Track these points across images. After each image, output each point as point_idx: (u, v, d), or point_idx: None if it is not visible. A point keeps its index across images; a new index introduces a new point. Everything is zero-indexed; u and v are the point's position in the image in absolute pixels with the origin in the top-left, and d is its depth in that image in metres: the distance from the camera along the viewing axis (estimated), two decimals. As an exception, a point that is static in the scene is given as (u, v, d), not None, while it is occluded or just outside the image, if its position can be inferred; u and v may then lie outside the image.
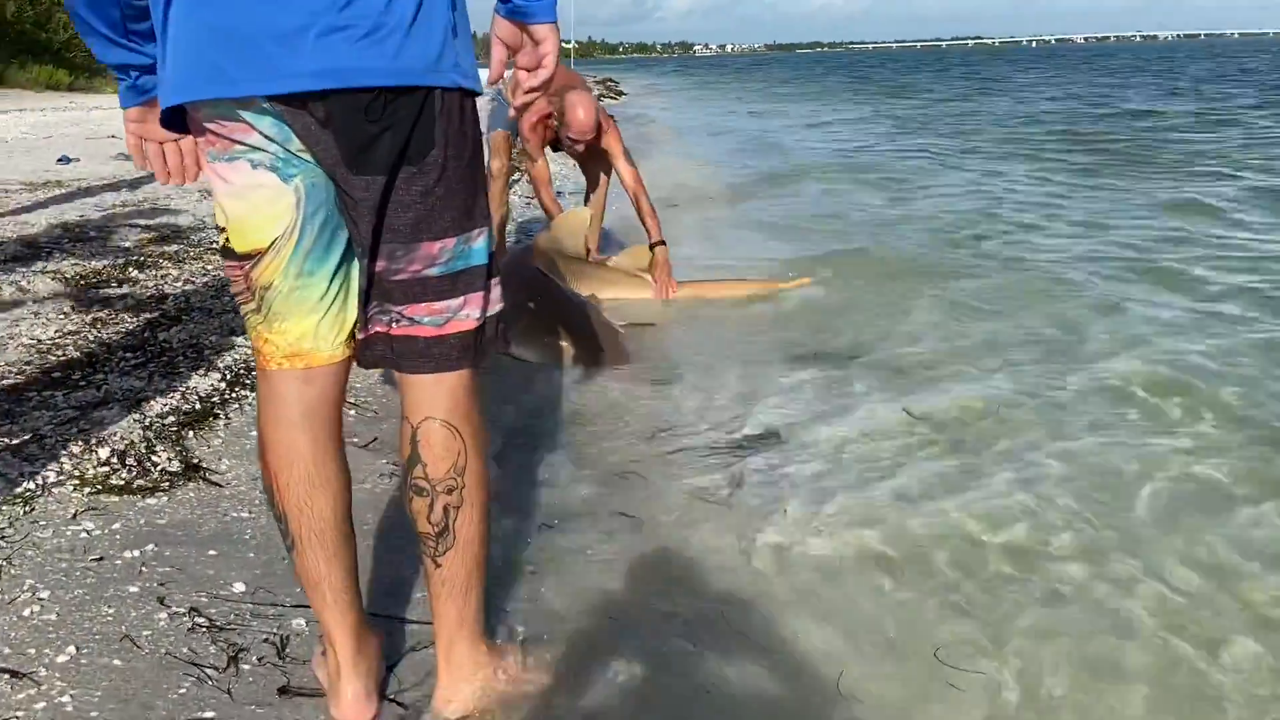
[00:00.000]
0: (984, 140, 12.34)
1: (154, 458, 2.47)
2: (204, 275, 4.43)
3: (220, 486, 2.37)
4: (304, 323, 1.39)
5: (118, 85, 1.48)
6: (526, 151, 4.89)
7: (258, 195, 1.32)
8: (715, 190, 8.38)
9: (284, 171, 1.31)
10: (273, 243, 1.34)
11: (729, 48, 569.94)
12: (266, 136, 1.28)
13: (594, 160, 5.07)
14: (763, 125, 16.79)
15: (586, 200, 5.28)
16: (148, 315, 3.72)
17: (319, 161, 1.30)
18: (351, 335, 1.44)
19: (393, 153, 1.28)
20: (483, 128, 1.63)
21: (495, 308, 1.47)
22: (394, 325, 1.39)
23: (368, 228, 1.32)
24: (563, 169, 7.31)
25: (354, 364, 1.47)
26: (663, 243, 4.63)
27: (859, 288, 4.72)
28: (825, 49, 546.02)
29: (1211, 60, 46.19)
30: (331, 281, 1.39)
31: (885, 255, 5.48)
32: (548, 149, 4.91)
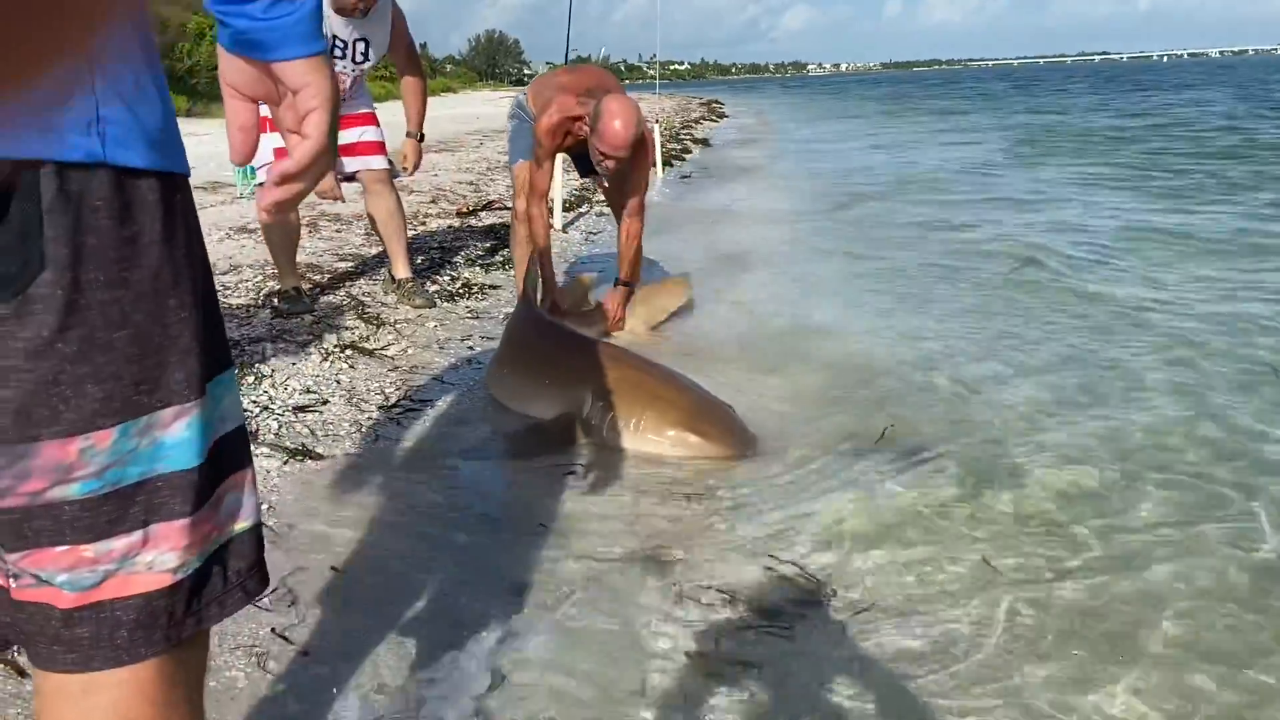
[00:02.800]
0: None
1: None
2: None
3: None
4: None
5: None
6: (536, 153, 4.13)
7: None
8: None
9: None
10: None
11: (843, 67, 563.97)
12: None
13: (622, 188, 4.21)
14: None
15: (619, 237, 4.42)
16: None
17: None
18: None
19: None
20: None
21: (220, 537, 0.90)
22: (13, 582, 0.82)
23: None
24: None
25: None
26: (630, 285, 4.25)
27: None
28: (943, 66, 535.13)
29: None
30: None
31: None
32: (561, 162, 4.37)
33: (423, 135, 4.62)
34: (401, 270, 4.65)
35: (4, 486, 0.77)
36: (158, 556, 0.84)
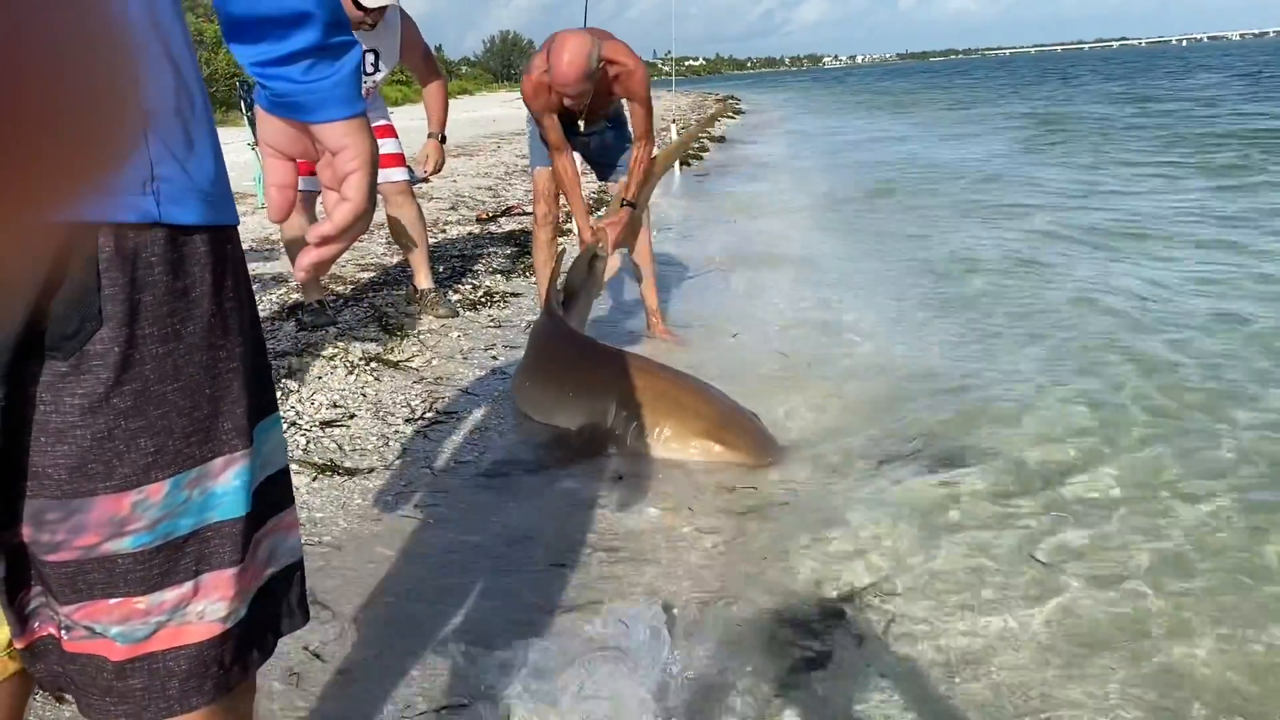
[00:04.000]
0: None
1: None
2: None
3: None
4: None
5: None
6: (542, 138, 3.97)
7: None
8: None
9: None
10: None
11: (859, 58, 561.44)
12: None
13: (620, 128, 4.16)
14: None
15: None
16: None
17: None
18: (10, 645, 0.89)
19: (6, 342, 0.72)
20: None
21: (265, 579, 0.91)
22: (66, 634, 0.83)
23: None
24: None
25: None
26: (633, 206, 4.03)
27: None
28: (959, 56, 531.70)
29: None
30: None
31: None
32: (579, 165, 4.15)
33: (444, 137, 4.60)
34: (423, 281, 4.67)
35: (59, 540, 0.78)
36: (208, 606, 0.85)
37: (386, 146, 4.35)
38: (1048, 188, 9.03)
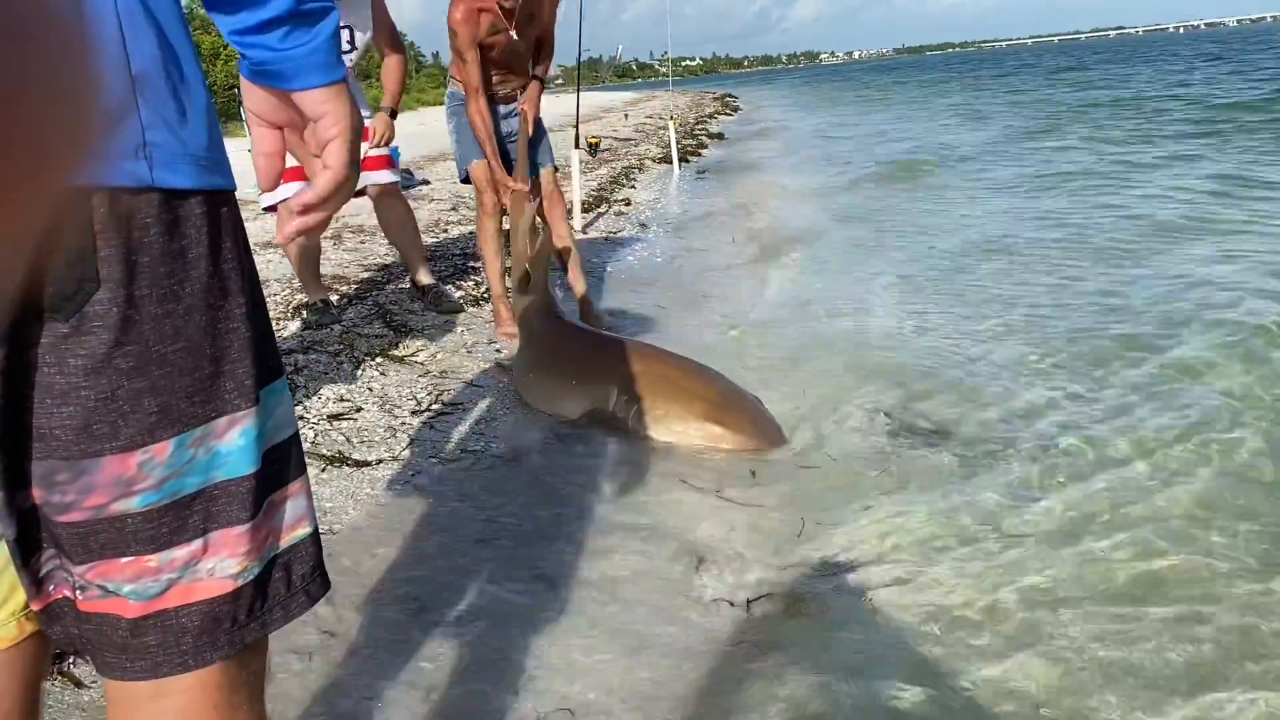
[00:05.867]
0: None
1: None
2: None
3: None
4: None
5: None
6: (454, 50, 4.05)
7: None
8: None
9: None
10: None
11: (856, 54, 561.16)
12: None
13: (521, 55, 4.21)
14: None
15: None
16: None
17: None
18: (27, 608, 0.90)
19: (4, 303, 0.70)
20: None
21: (280, 543, 0.92)
22: (80, 594, 0.84)
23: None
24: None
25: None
26: (542, 81, 4.36)
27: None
28: (956, 49, 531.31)
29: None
30: None
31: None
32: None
33: (395, 113, 4.44)
34: (424, 277, 4.71)
35: (69, 501, 0.79)
36: (218, 563, 0.86)
37: (370, 149, 4.31)
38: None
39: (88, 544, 0.81)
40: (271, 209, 4.04)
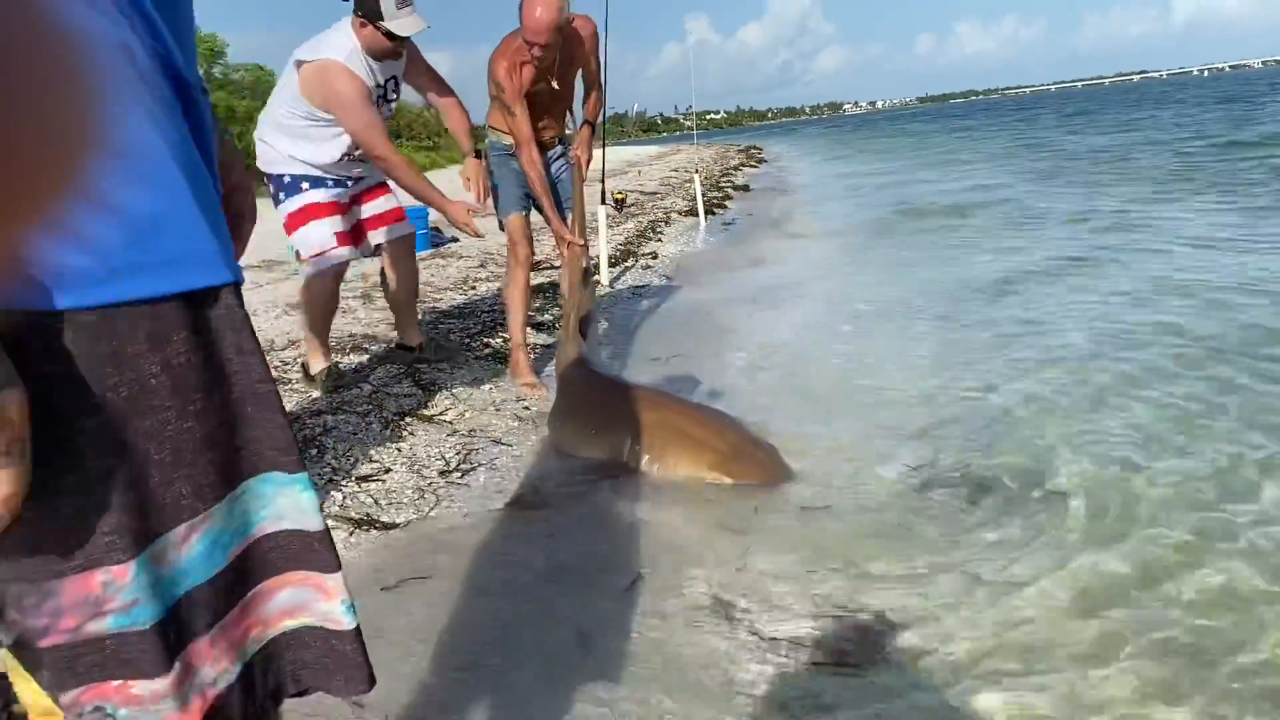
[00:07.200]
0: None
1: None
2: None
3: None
4: None
5: None
6: (501, 103, 4.07)
7: None
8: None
9: None
10: None
11: (879, 103, 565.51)
12: None
13: (562, 99, 4.31)
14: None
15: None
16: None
17: None
18: None
19: None
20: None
21: (268, 632, 0.93)
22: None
23: None
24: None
25: None
26: (592, 125, 4.50)
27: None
28: (979, 96, 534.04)
29: None
30: None
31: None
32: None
33: (479, 151, 4.34)
34: (415, 338, 4.65)
35: (43, 625, 0.77)
36: (197, 678, 0.84)
37: (387, 203, 4.28)
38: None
39: (75, 668, 0.79)
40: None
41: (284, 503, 0.91)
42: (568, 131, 4.60)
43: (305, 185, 3.97)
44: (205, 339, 0.85)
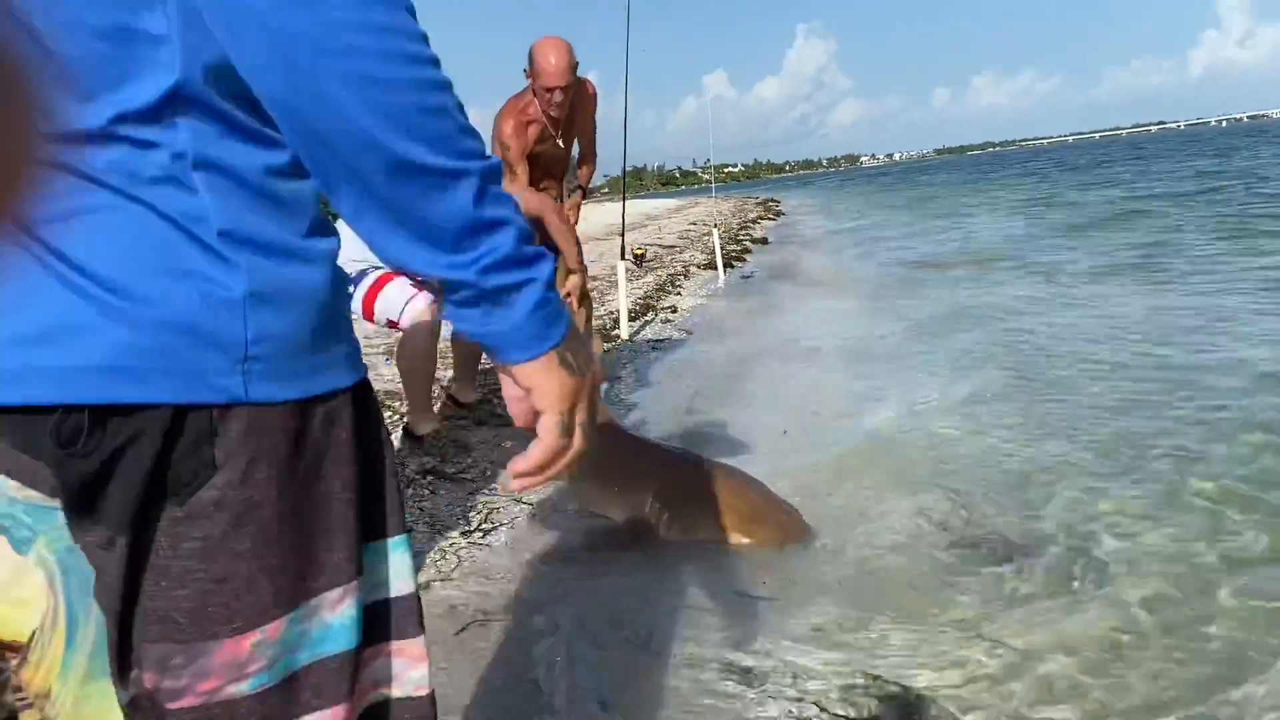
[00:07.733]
0: None
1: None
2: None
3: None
4: None
5: None
6: (505, 163, 4.13)
7: None
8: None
9: (14, 533, 0.79)
10: (32, 636, 0.81)
11: (896, 155, 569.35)
12: None
13: (562, 161, 4.51)
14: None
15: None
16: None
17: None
18: None
19: (130, 495, 0.74)
20: None
21: (365, 700, 0.91)
22: None
23: (114, 617, 0.76)
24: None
25: None
26: (584, 190, 4.74)
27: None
28: (996, 148, 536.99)
29: None
30: None
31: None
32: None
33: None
34: (424, 427, 4.30)
35: (182, 686, 0.77)
36: None
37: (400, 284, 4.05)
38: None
39: None
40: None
41: (388, 567, 0.93)
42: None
43: (369, 270, 4.02)
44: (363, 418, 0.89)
